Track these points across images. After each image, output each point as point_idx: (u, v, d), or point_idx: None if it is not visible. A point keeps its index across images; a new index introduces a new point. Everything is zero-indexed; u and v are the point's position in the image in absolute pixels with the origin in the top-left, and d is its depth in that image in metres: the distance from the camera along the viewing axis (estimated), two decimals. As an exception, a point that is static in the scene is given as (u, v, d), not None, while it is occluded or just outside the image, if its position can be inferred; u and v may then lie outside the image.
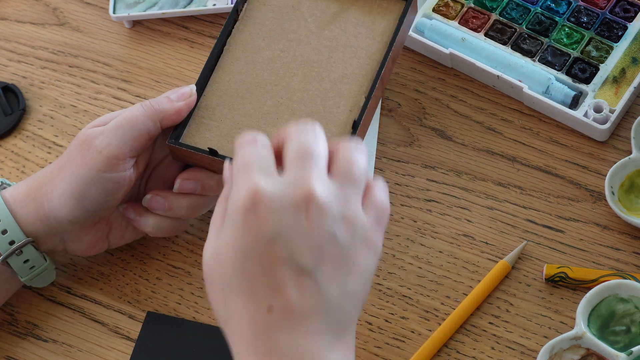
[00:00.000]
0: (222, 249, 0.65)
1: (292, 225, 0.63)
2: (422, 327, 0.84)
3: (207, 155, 0.80)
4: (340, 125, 0.80)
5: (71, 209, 0.80)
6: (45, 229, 0.82)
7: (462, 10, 0.94)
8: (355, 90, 0.81)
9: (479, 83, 0.93)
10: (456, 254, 0.86)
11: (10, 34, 1.03)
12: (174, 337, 0.85)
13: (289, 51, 0.84)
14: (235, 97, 0.83)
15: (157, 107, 0.80)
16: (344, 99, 0.81)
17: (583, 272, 0.83)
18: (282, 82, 0.83)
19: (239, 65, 0.84)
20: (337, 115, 0.81)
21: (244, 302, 0.64)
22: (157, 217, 0.84)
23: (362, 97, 0.81)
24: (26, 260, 0.82)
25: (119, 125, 0.80)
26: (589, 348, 0.79)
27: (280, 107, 0.82)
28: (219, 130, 0.82)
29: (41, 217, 0.81)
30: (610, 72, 0.90)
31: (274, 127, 0.81)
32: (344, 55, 0.83)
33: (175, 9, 0.99)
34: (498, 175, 0.89)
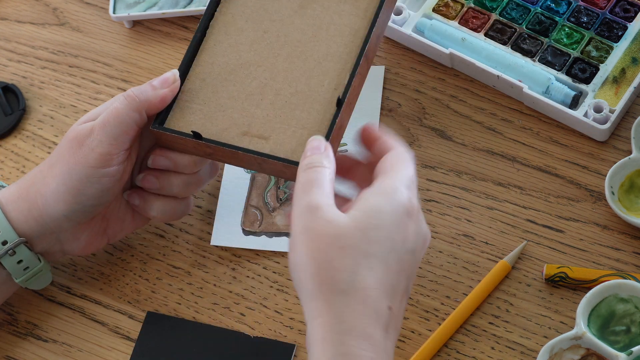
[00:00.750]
0: (370, 225, 0.69)
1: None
2: (422, 327, 0.84)
3: (192, 139, 0.80)
4: (324, 103, 0.79)
5: (67, 204, 0.80)
6: (39, 228, 0.82)
7: (462, 10, 0.94)
8: (340, 68, 0.80)
9: (479, 83, 0.93)
10: (456, 254, 0.86)
11: (10, 34, 1.03)
12: (174, 337, 0.85)
13: (272, 31, 0.83)
14: (218, 80, 0.83)
15: (141, 97, 0.80)
16: (328, 77, 0.80)
17: (583, 272, 0.83)
18: (266, 63, 0.82)
19: (221, 47, 0.84)
20: (321, 94, 0.80)
21: (384, 273, 0.69)
22: (161, 200, 0.84)
23: (347, 75, 0.79)
24: (20, 261, 0.82)
25: (106, 122, 0.80)
26: (589, 348, 0.79)
27: (264, 87, 0.81)
28: (202, 114, 0.81)
29: (35, 215, 0.81)
30: (610, 72, 0.90)
31: (258, 108, 0.81)
32: (327, 33, 0.82)
33: (175, 9, 0.99)
34: (498, 175, 0.89)
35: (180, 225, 0.90)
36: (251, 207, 0.90)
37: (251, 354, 0.84)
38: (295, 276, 0.69)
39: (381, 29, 0.81)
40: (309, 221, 0.68)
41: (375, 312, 0.67)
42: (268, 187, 0.91)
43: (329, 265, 0.67)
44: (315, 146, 0.73)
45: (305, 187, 0.70)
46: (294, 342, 0.84)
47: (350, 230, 0.68)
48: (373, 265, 0.68)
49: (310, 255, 0.68)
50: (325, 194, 0.70)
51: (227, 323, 0.86)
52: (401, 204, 0.70)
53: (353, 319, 0.67)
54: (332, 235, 0.68)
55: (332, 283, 0.67)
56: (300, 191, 0.70)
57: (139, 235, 0.90)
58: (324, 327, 0.67)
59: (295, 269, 0.69)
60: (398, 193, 0.70)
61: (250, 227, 0.89)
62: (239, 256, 0.89)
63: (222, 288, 0.87)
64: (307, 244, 0.68)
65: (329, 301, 0.67)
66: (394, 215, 0.69)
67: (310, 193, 0.69)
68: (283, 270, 0.87)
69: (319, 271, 0.67)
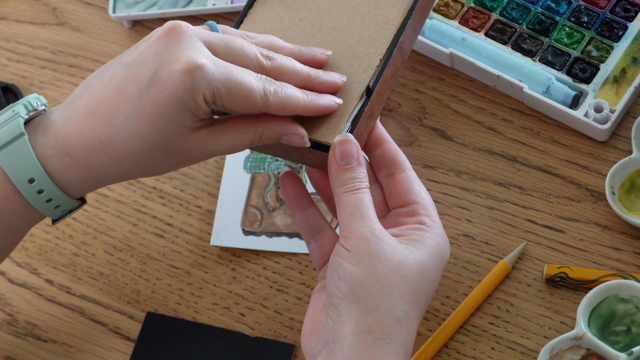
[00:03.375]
0: (427, 266, 0.73)
1: None
2: (422, 327, 0.84)
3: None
4: (352, 85, 0.78)
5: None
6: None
7: (462, 10, 0.94)
8: (370, 52, 0.79)
9: (479, 83, 0.93)
10: (456, 254, 0.86)
11: (10, 34, 1.02)
12: (173, 337, 0.85)
13: (308, 19, 0.83)
14: None
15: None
16: (358, 60, 0.79)
17: (583, 272, 0.83)
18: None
19: (257, 32, 0.83)
20: (350, 76, 0.79)
21: (422, 310, 0.73)
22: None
23: (377, 59, 0.78)
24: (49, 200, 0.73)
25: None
26: (589, 348, 0.79)
27: None
28: None
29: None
30: (611, 72, 0.90)
31: None
32: (362, 22, 0.82)
33: (175, 9, 0.99)
34: (498, 175, 0.89)
35: (180, 225, 0.90)
36: (251, 207, 0.90)
37: (251, 354, 0.84)
38: (346, 290, 0.70)
39: (418, 22, 0.81)
40: (375, 243, 0.71)
41: (410, 346, 0.71)
42: (268, 187, 0.91)
43: (391, 290, 0.70)
44: (347, 152, 0.73)
45: (356, 211, 0.72)
46: (294, 342, 0.84)
47: (411, 263, 0.71)
48: (421, 301, 0.72)
49: (373, 276, 0.70)
50: (376, 217, 0.72)
51: (227, 323, 0.86)
52: (448, 253, 0.75)
53: (396, 346, 0.70)
54: (396, 262, 0.70)
55: (392, 307, 0.70)
56: (351, 215, 0.72)
57: (138, 235, 0.90)
58: (367, 344, 0.69)
59: (351, 285, 0.70)
60: (446, 241, 0.75)
61: (250, 227, 0.89)
62: (239, 256, 0.89)
63: (221, 288, 0.87)
64: (371, 265, 0.70)
65: (384, 323, 0.69)
66: (443, 262, 0.74)
67: (367, 217, 0.71)
68: (283, 271, 0.87)
69: (382, 293, 0.70)
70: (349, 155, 0.73)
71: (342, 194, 0.72)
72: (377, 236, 0.71)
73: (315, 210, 0.78)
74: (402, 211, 0.76)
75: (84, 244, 0.91)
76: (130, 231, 0.91)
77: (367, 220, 0.71)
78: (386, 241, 0.71)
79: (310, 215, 0.77)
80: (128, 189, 0.93)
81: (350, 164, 0.73)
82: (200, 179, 0.92)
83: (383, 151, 0.77)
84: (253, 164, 0.93)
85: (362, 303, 0.69)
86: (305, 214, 0.77)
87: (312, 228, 0.77)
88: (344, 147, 0.73)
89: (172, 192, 0.92)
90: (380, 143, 0.77)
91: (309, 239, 0.77)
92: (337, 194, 0.73)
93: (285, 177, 0.78)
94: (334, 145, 0.73)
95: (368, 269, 0.70)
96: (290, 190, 0.78)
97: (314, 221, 0.77)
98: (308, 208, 0.78)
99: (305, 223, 0.77)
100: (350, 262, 0.70)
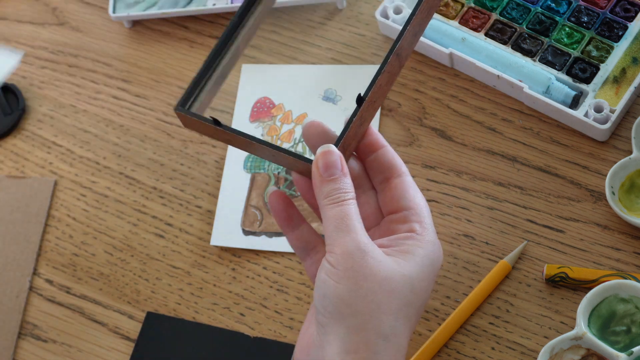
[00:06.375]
0: (417, 277, 0.70)
1: None
2: (422, 327, 0.84)
3: (211, 125, 0.76)
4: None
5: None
6: None
7: (462, 10, 0.94)
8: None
9: (479, 83, 0.93)
10: (456, 254, 0.86)
11: (10, 34, 1.02)
12: (173, 337, 0.85)
13: None
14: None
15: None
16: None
17: (583, 272, 0.83)
18: None
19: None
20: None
21: (412, 324, 0.71)
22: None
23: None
24: None
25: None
26: (589, 348, 0.79)
27: None
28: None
29: None
30: (611, 72, 0.90)
31: None
32: None
33: (174, 9, 0.99)
34: (498, 175, 0.89)
35: (180, 225, 0.90)
36: (251, 207, 0.90)
37: (251, 354, 0.84)
38: (331, 308, 0.68)
39: (418, 28, 0.77)
40: (360, 258, 0.68)
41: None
42: (268, 187, 0.91)
43: (377, 307, 0.68)
44: (330, 163, 0.71)
45: (341, 224, 0.69)
46: (294, 342, 0.84)
47: (398, 277, 0.69)
48: (411, 315, 0.69)
49: (358, 293, 0.67)
50: (363, 229, 0.70)
51: (226, 323, 0.86)
52: (440, 260, 0.72)
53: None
54: (382, 278, 0.68)
55: (379, 325, 0.68)
56: (336, 228, 0.69)
57: (138, 235, 0.90)
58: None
59: (336, 303, 0.68)
60: (438, 247, 0.72)
61: (250, 227, 0.89)
62: (239, 256, 0.89)
63: (221, 288, 0.87)
64: (357, 282, 0.68)
65: (370, 342, 0.67)
66: (435, 270, 0.72)
67: (352, 230, 0.69)
68: (283, 271, 0.87)
69: (368, 311, 0.67)
70: (332, 167, 0.70)
71: (326, 206, 0.70)
72: (362, 250, 0.68)
73: (307, 228, 0.76)
74: (394, 217, 0.74)
75: (84, 244, 0.91)
76: (130, 231, 0.91)
77: (352, 234, 0.69)
78: (372, 255, 0.68)
79: (302, 233, 0.76)
80: (128, 189, 0.93)
81: (333, 175, 0.70)
82: (200, 179, 0.92)
83: (379, 156, 0.75)
84: (253, 164, 0.93)
85: (348, 321, 0.67)
86: (297, 232, 0.76)
87: (305, 246, 0.76)
88: (326, 158, 0.71)
89: (172, 192, 0.92)
90: (376, 148, 0.75)
91: (303, 256, 0.76)
92: (321, 206, 0.70)
93: (274, 198, 0.76)
94: (316, 156, 0.71)
95: (353, 285, 0.67)
96: (280, 211, 0.76)
97: (306, 239, 0.76)
98: (299, 226, 0.76)
99: (297, 242, 0.76)
100: (334, 279, 0.68)
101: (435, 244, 0.72)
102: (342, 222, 0.69)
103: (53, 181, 0.94)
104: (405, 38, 0.75)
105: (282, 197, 0.76)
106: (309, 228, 0.76)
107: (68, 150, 0.95)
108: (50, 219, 0.92)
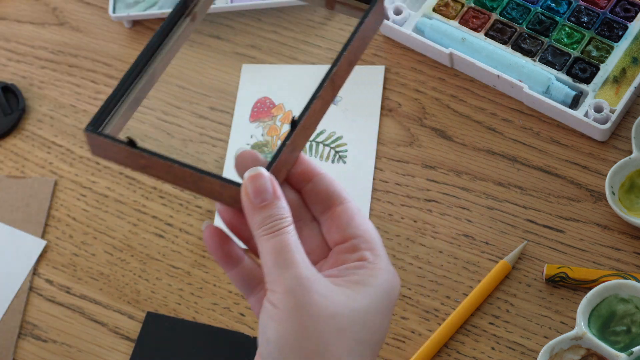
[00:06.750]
0: (370, 311, 0.64)
1: None
2: (422, 327, 0.84)
3: (125, 147, 0.68)
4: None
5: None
6: None
7: (462, 10, 0.94)
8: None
9: (479, 83, 0.93)
10: (456, 254, 0.86)
11: (10, 34, 1.02)
12: (173, 337, 0.85)
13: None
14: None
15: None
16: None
17: (583, 272, 0.83)
18: None
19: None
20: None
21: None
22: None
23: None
24: None
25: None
26: (589, 348, 0.79)
27: None
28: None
29: None
30: (611, 72, 0.90)
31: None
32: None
33: (175, 9, 0.99)
34: (498, 175, 0.89)
35: (180, 225, 0.90)
36: (251, 207, 0.90)
37: (251, 354, 0.84)
38: (277, 355, 0.62)
39: (353, 57, 0.73)
40: (303, 296, 0.62)
41: None
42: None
43: (326, 349, 0.62)
44: (261, 187, 0.64)
45: (280, 259, 0.62)
46: (294, 342, 0.84)
47: (348, 312, 0.62)
48: (366, 354, 0.63)
49: (304, 335, 0.61)
50: (305, 260, 0.63)
51: (226, 323, 0.86)
52: (397, 289, 0.66)
53: None
54: (330, 315, 0.62)
55: None
56: (274, 264, 0.62)
57: (138, 235, 0.90)
58: None
59: (281, 348, 0.62)
60: (393, 275, 0.66)
61: (250, 227, 0.89)
62: (239, 256, 0.88)
63: (221, 288, 0.87)
64: (301, 322, 0.61)
65: None
66: (392, 301, 0.65)
67: (292, 264, 0.62)
68: (283, 271, 0.87)
69: (315, 355, 0.61)
70: (263, 191, 0.63)
71: (261, 238, 0.63)
72: (304, 287, 0.61)
73: (248, 263, 0.68)
74: (342, 248, 0.66)
75: (84, 244, 0.91)
76: (130, 231, 0.91)
77: (292, 269, 0.62)
78: (317, 291, 0.62)
79: (243, 270, 0.68)
80: (128, 189, 0.93)
81: (265, 200, 0.63)
82: (200, 179, 0.92)
83: (315, 185, 0.68)
84: (253, 164, 0.92)
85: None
86: (237, 269, 0.68)
87: (248, 283, 0.68)
88: (256, 182, 0.63)
89: (172, 192, 0.92)
90: (310, 177, 0.68)
91: (247, 293, 0.68)
92: (256, 238, 0.63)
93: (207, 235, 0.67)
94: (244, 182, 0.63)
95: (297, 327, 0.61)
96: (215, 249, 0.67)
97: (248, 275, 0.68)
98: (240, 263, 0.68)
99: (239, 279, 0.68)
100: (277, 321, 0.61)
101: (390, 272, 0.66)
102: (281, 256, 0.62)
103: (53, 181, 0.94)
104: (341, 65, 0.71)
105: (216, 233, 0.68)
106: (250, 263, 0.68)
107: (68, 150, 0.95)
108: (50, 219, 0.92)
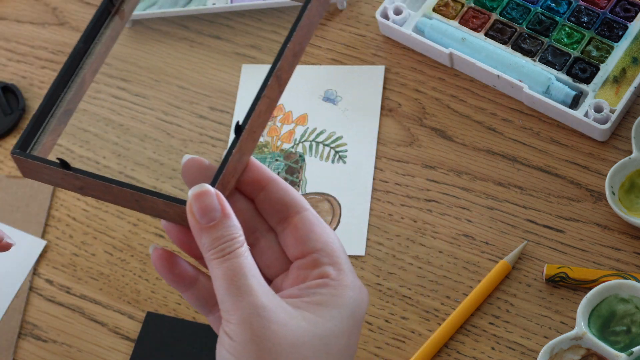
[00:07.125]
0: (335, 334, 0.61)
1: None
2: (422, 327, 0.84)
3: (59, 169, 0.64)
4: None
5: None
6: None
7: (462, 10, 0.94)
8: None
9: (479, 83, 0.93)
10: (456, 254, 0.86)
11: (10, 34, 1.02)
12: (173, 338, 0.85)
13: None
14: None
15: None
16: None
17: (583, 272, 0.83)
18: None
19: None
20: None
21: None
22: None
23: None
24: None
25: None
26: (589, 348, 0.79)
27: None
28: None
29: None
30: (611, 72, 0.90)
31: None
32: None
33: (174, 8, 0.99)
34: (498, 175, 0.89)
35: (180, 225, 0.90)
36: (251, 207, 0.90)
37: (251, 354, 0.84)
38: None
39: (299, 47, 0.67)
40: (260, 327, 0.58)
41: None
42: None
43: None
44: (207, 206, 0.59)
45: (232, 286, 0.58)
46: (294, 342, 0.84)
47: (309, 339, 0.59)
48: None
49: None
50: (262, 284, 0.59)
51: (227, 323, 0.86)
52: (365, 305, 0.62)
53: None
54: (290, 345, 0.58)
55: None
56: (227, 291, 0.58)
57: (138, 235, 0.90)
58: None
59: None
60: (359, 291, 0.62)
61: (250, 227, 0.89)
62: (239, 256, 0.88)
63: (222, 288, 0.87)
64: (260, 356, 0.58)
65: None
66: (358, 320, 0.62)
67: (247, 292, 0.58)
68: (283, 271, 0.87)
69: None
70: (210, 210, 0.59)
71: (212, 262, 0.58)
72: (261, 316, 0.57)
73: (203, 283, 0.64)
74: (303, 263, 0.62)
75: (84, 244, 0.91)
76: (130, 231, 0.91)
77: (247, 297, 0.57)
78: (275, 320, 0.58)
79: (198, 291, 0.64)
80: (128, 189, 0.93)
81: (213, 219, 0.59)
82: (200, 179, 0.92)
83: (269, 193, 0.63)
84: (253, 164, 0.92)
85: None
86: (192, 291, 0.63)
87: (205, 303, 0.64)
88: (202, 201, 0.59)
89: (172, 192, 0.92)
90: (263, 184, 0.63)
91: (206, 313, 0.64)
92: (207, 260, 0.59)
93: (156, 260, 0.63)
94: (189, 201, 0.59)
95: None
96: (166, 272, 0.63)
97: (204, 296, 0.64)
98: (194, 284, 0.64)
99: (194, 300, 0.64)
100: (234, 354, 0.58)
101: (356, 288, 0.61)
102: (234, 283, 0.58)
103: (53, 181, 0.94)
104: (285, 58, 0.65)
105: (165, 256, 0.63)
106: (205, 282, 0.64)
107: (68, 149, 0.95)
108: (50, 219, 0.92)
